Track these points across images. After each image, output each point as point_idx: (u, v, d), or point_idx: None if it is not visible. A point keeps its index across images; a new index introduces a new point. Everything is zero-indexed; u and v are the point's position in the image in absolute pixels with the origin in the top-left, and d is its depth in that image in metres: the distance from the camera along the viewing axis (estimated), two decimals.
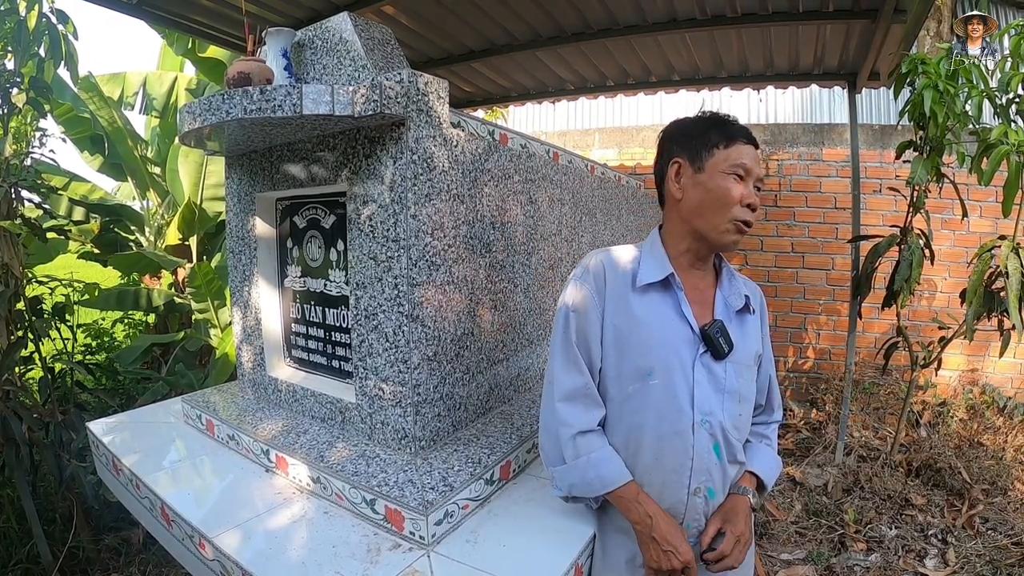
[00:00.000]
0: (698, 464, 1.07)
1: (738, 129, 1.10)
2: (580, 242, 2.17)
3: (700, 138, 1.10)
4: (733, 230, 1.08)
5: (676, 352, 1.08)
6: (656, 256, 1.13)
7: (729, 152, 1.08)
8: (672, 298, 1.11)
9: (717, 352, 1.08)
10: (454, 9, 2.66)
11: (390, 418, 1.39)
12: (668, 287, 1.12)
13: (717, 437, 1.08)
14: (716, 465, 1.08)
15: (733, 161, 1.07)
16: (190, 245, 4.16)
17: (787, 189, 4.25)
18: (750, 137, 1.10)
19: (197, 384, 3.08)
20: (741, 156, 1.07)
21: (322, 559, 1.11)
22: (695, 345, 1.09)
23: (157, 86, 4.49)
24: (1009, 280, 2.31)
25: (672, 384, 1.07)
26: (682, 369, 1.07)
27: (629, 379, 1.09)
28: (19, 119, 2.52)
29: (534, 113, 6.01)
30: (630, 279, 1.12)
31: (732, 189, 1.06)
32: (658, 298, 1.11)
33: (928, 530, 2.55)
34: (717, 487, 1.10)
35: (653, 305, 1.10)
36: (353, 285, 1.45)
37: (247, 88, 1.22)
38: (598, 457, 1.08)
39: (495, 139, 1.61)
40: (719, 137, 1.09)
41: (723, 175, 1.07)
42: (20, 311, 2.30)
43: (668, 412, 1.07)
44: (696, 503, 1.08)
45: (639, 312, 1.10)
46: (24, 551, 2.12)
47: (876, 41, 2.54)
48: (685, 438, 1.06)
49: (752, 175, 1.08)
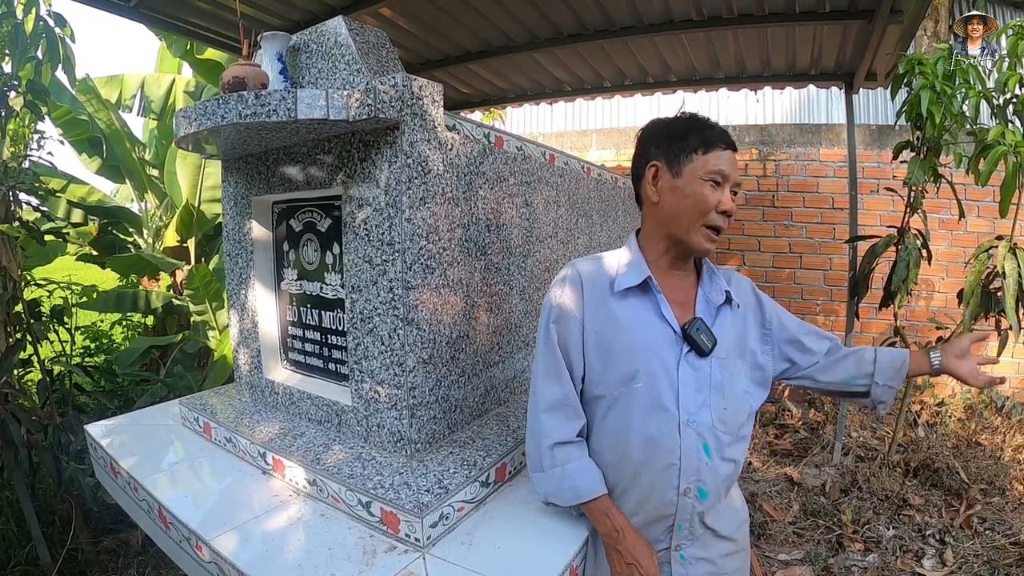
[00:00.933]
0: (686, 464, 1.07)
1: (717, 134, 1.10)
2: (576, 244, 2.18)
3: (679, 142, 1.10)
4: (706, 236, 1.09)
5: (659, 354, 1.08)
6: (634, 260, 1.14)
7: (708, 158, 1.07)
8: (651, 301, 1.12)
9: (699, 349, 1.08)
10: (451, 11, 2.66)
11: (386, 421, 1.40)
12: (647, 290, 1.12)
13: (705, 436, 1.08)
14: (706, 464, 1.08)
15: (711, 168, 1.07)
16: (188, 247, 4.17)
17: (784, 190, 4.25)
18: (729, 141, 1.10)
19: (195, 386, 3.09)
20: (719, 163, 1.07)
21: (318, 561, 1.11)
22: (678, 345, 1.09)
23: (155, 88, 4.50)
24: (1006, 281, 2.31)
25: (656, 386, 1.07)
26: (666, 371, 1.08)
27: (613, 384, 1.10)
28: (17, 122, 2.52)
29: (532, 114, 6.02)
30: (608, 285, 1.13)
31: (709, 196, 1.06)
32: (637, 302, 1.12)
33: (926, 530, 2.56)
34: (708, 486, 1.10)
35: (633, 309, 1.11)
36: (349, 288, 1.45)
37: (242, 93, 1.22)
38: (573, 469, 1.10)
39: (490, 142, 1.62)
40: (698, 142, 1.08)
41: (700, 181, 1.07)
42: (18, 314, 2.30)
43: (653, 414, 1.07)
44: (687, 503, 1.09)
45: (620, 317, 1.10)
46: (23, 553, 2.13)
47: (873, 41, 2.54)
48: (672, 439, 1.07)
49: (729, 181, 1.08)
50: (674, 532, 1.11)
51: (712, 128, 1.11)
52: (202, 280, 3.42)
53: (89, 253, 4.09)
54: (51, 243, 3.33)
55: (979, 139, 2.36)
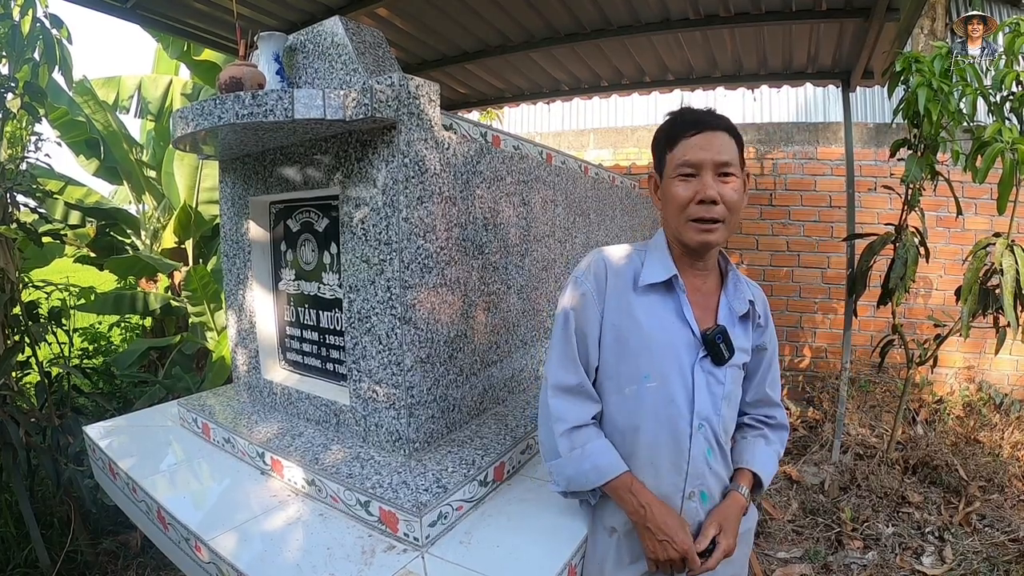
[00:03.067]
0: (693, 469, 1.07)
1: (680, 125, 1.07)
2: (574, 243, 2.18)
3: (658, 146, 1.11)
4: (695, 229, 1.06)
5: (676, 356, 1.07)
6: (661, 257, 1.12)
7: (674, 154, 1.07)
8: (674, 300, 1.10)
9: (718, 358, 1.07)
10: (447, 11, 2.66)
11: (384, 420, 1.40)
12: (670, 289, 1.10)
13: (711, 442, 1.08)
14: (710, 470, 1.09)
15: (677, 162, 1.06)
16: (186, 248, 4.16)
17: (782, 188, 4.26)
18: (696, 124, 1.06)
19: (194, 387, 3.08)
20: (685, 154, 1.05)
21: (317, 561, 1.11)
22: (695, 349, 1.08)
23: (152, 89, 4.50)
24: (1004, 277, 2.32)
25: (669, 388, 1.06)
26: (681, 373, 1.07)
27: (626, 380, 1.09)
28: (14, 124, 2.52)
29: (529, 114, 6.01)
30: (631, 279, 1.11)
31: (679, 193, 1.05)
32: (659, 300, 1.10)
33: (925, 528, 2.56)
34: (711, 491, 1.10)
35: (654, 307, 1.09)
36: (346, 288, 1.45)
37: (239, 93, 1.22)
38: (592, 448, 1.08)
39: (487, 141, 1.62)
40: (666, 140, 1.09)
41: (671, 180, 1.07)
42: (16, 316, 2.30)
43: (665, 416, 1.07)
44: (691, 507, 1.08)
45: (640, 313, 1.09)
46: (22, 555, 2.13)
47: (869, 40, 2.55)
48: (682, 443, 1.06)
49: (704, 166, 1.04)
50: None
51: (680, 118, 1.09)
52: (200, 281, 3.42)
53: (87, 255, 4.08)
54: (49, 245, 3.33)
55: (976, 136, 2.37)
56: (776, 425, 1.23)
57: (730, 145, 1.05)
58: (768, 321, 1.20)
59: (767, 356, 1.20)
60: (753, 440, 1.19)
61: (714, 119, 1.06)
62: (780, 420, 1.24)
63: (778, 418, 1.23)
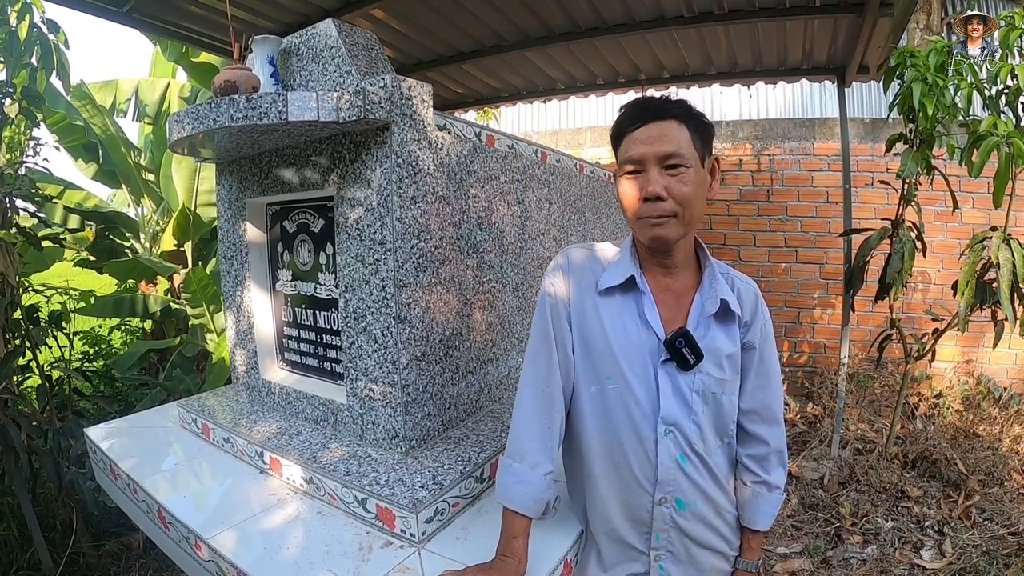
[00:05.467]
0: (663, 475, 1.03)
1: (624, 120, 1.02)
2: (569, 241, 2.19)
3: (614, 147, 1.06)
4: (645, 226, 1.00)
5: (639, 359, 1.03)
6: (622, 259, 1.08)
7: (620, 152, 1.03)
8: (636, 301, 1.06)
9: (682, 363, 1.01)
10: (442, 12, 2.67)
11: (380, 418, 1.41)
12: (632, 290, 1.06)
13: (683, 449, 1.03)
14: (686, 478, 1.04)
15: (622, 160, 1.02)
16: (185, 251, 4.17)
17: (779, 184, 4.27)
18: (638, 117, 0.99)
19: (194, 389, 3.10)
20: (628, 150, 1.00)
21: (315, 558, 1.12)
22: (658, 353, 1.03)
23: (149, 93, 4.51)
24: (1001, 271, 2.32)
25: (631, 392, 1.03)
26: (644, 376, 1.03)
27: (592, 380, 1.07)
28: (13, 128, 2.53)
29: (526, 113, 6.01)
30: (593, 282, 1.08)
31: (626, 191, 1.01)
32: (621, 301, 1.06)
33: (924, 522, 2.57)
34: (688, 497, 1.05)
35: (615, 309, 1.06)
36: (342, 288, 1.46)
37: (234, 96, 1.24)
38: (520, 473, 1.05)
39: (481, 141, 1.62)
40: (616, 138, 1.04)
41: (620, 179, 1.03)
42: (17, 320, 2.31)
43: (625, 419, 1.03)
44: (663, 512, 1.05)
45: (602, 316, 1.06)
46: (25, 558, 2.14)
47: (864, 35, 2.55)
48: (646, 447, 1.03)
49: (647, 161, 0.97)
50: (652, 541, 1.07)
51: (626, 112, 1.03)
52: (199, 283, 3.44)
53: (86, 258, 4.10)
54: (48, 249, 3.34)
55: (972, 130, 2.37)
56: (775, 464, 1.11)
57: (678, 134, 0.97)
58: (756, 317, 1.09)
59: (755, 355, 1.09)
60: (753, 495, 1.10)
61: (659, 107, 0.99)
62: (776, 447, 1.10)
63: (773, 445, 1.10)
